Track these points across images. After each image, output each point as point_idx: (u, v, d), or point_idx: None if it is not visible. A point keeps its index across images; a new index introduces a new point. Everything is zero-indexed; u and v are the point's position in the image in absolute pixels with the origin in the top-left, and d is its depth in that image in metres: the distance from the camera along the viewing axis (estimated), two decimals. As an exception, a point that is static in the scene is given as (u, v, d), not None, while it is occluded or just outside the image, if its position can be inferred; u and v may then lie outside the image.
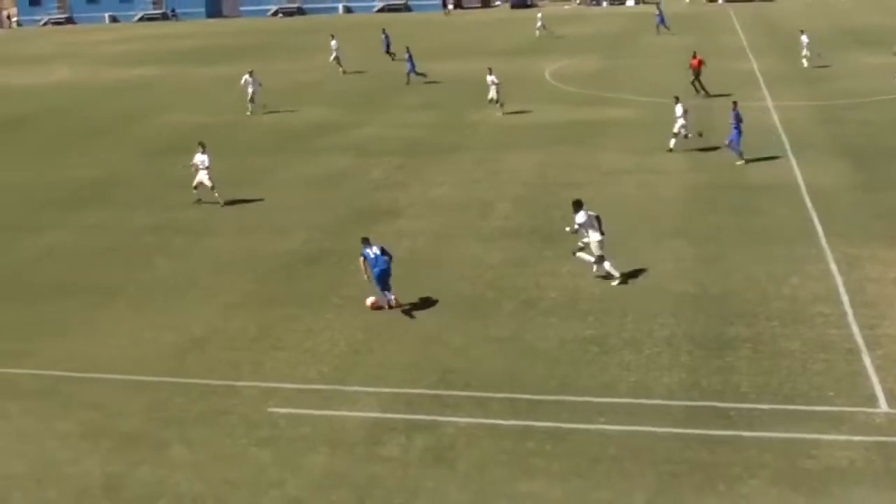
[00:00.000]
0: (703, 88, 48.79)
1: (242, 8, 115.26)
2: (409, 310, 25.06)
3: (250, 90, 52.71)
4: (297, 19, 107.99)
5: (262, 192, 36.55)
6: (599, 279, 26.13)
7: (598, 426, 18.84)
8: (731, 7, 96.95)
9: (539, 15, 79.93)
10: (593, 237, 25.92)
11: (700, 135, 38.53)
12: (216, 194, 35.18)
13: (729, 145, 36.90)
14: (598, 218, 26.11)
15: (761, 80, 54.30)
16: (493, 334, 23.20)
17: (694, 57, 49.19)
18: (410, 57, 59.28)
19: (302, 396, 20.78)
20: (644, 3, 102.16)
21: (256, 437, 19.26)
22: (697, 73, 48.67)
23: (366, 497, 17.05)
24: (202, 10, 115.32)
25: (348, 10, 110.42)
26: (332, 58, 65.41)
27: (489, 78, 47.82)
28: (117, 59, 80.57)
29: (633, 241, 28.95)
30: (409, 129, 46.10)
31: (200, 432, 19.64)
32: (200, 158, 35.25)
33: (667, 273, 26.41)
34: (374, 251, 24.99)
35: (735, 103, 37.72)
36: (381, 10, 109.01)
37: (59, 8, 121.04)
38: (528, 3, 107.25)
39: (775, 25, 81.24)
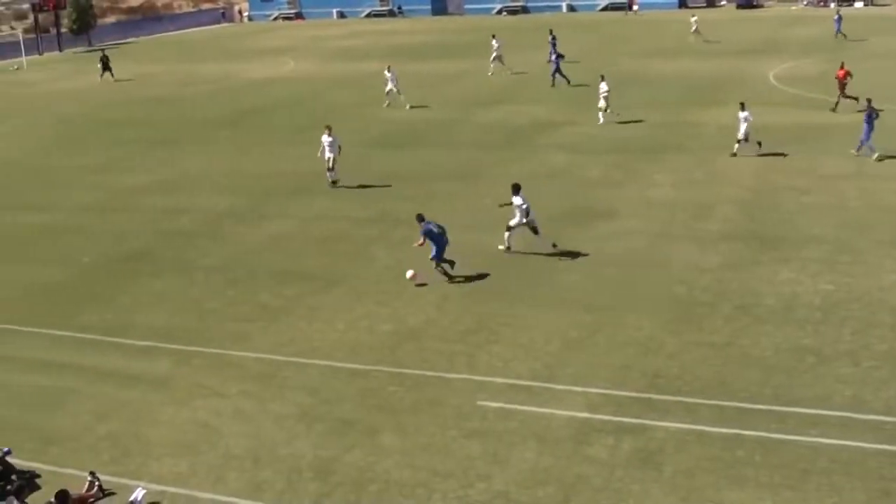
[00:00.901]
0: (841, 99, 46.13)
1: (467, 6, 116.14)
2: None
3: (389, 85, 55.09)
4: (521, 17, 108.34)
5: (483, 187, 36.87)
6: (819, 289, 25.47)
7: (809, 438, 18.35)
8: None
9: (693, 19, 77.83)
10: (516, 220, 29.07)
11: (759, 144, 39.01)
12: (330, 174, 38.20)
13: (864, 144, 37.67)
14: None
15: None
16: (706, 339, 22.85)
17: (841, 68, 46.85)
18: (557, 59, 59.15)
19: (512, 391, 20.95)
20: (873, 4, 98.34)
21: (466, 429, 19.53)
22: (843, 85, 46.21)
23: (571, 496, 17.08)
24: (428, 7, 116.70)
25: (572, 8, 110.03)
26: (492, 57, 65.70)
27: (602, 85, 47.27)
28: (343, 54, 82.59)
29: (853, 249, 28.04)
30: (627, 127, 45.72)
31: (411, 421, 20.05)
32: (327, 140, 38.04)
33: (888, 284, 25.42)
34: (435, 227, 27.54)
35: (869, 101, 37.95)
36: (605, 8, 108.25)
37: (289, 3, 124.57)
38: (755, 3, 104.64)
39: None
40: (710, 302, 24.99)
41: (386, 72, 56.17)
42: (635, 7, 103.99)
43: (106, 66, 76.85)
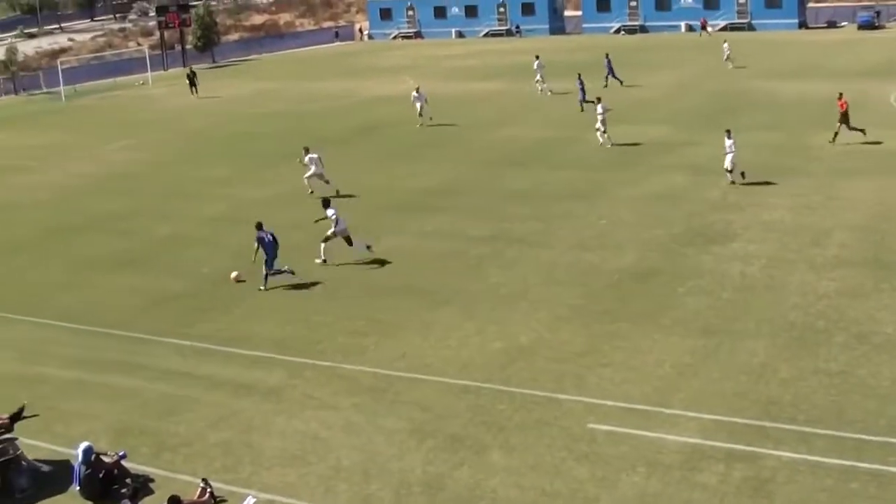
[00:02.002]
0: (839, 132, 44.53)
1: (585, 25, 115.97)
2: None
3: (418, 105, 57.31)
4: (639, 37, 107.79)
5: (599, 207, 36.80)
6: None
7: (927, 473, 17.95)
8: None
9: (725, 45, 76.39)
10: (338, 227, 32.02)
11: (742, 175, 38.83)
12: (307, 183, 41.83)
13: None
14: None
15: None
16: (822, 367, 22.43)
17: (840, 98, 45.26)
18: (582, 85, 59.28)
19: (623, 414, 20.83)
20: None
21: (575, 451, 19.47)
22: (845, 116, 44.45)
23: (680, 521, 16.95)
24: (545, 26, 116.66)
25: (690, 28, 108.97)
26: (536, 78, 67.08)
27: (598, 107, 47.86)
28: (461, 73, 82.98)
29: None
30: (746, 149, 44.88)
31: (520, 440, 20.05)
32: (307, 158, 41.60)
33: None
34: (268, 236, 30.08)
35: None
36: (724, 28, 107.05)
37: (408, 22, 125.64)
38: (877, 24, 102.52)
39: None
40: (826, 329, 24.55)
41: (414, 93, 58.21)
42: (709, 29, 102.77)
43: (192, 83, 79.26)
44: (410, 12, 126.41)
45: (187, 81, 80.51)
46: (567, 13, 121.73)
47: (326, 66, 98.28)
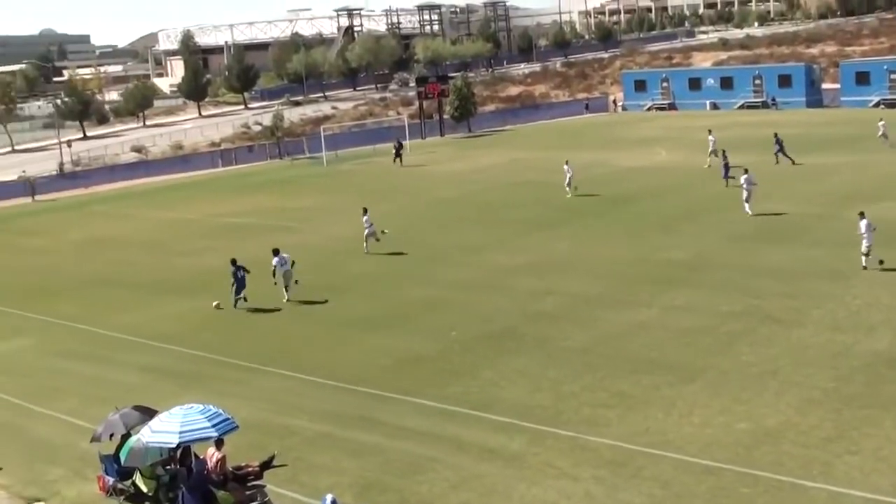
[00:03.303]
0: None
1: (843, 98, 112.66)
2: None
3: (568, 176, 60.52)
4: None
5: (855, 289, 35.59)
6: None
7: None
8: None
9: (881, 122, 71.52)
10: (280, 272, 39.47)
11: (880, 262, 37.75)
12: (366, 245, 47.53)
13: None
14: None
15: None
16: None
17: None
18: (726, 160, 60.19)
19: (871, 506, 20.12)
20: None
21: (819, 541, 18.94)
22: None
23: None
24: (802, 99, 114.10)
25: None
26: (709, 151, 68.98)
27: (742, 179, 47.92)
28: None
29: None
30: None
31: (763, 525, 19.65)
32: (364, 219, 47.41)
33: None
34: (241, 272, 39.03)
35: None
36: None
37: (662, 94, 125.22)
38: None
39: None
40: None
41: (565, 166, 61.32)
42: None
43: (398, 153, 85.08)
44: (665, 84, 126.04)
45: (393, 151, 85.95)
46: (825, 86, 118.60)
47: (579, 136, 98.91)
